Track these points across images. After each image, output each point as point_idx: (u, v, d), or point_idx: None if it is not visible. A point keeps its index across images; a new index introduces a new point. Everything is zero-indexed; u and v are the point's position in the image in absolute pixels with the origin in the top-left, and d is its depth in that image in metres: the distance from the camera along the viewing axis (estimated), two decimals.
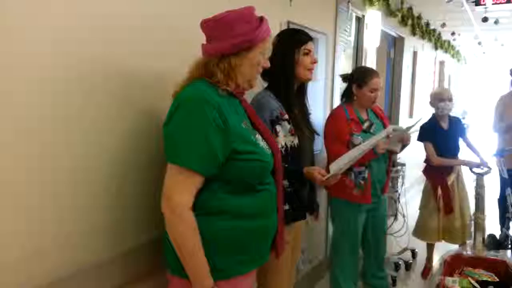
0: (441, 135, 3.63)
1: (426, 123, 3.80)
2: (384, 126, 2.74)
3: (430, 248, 3.88)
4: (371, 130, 2.65)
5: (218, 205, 1.39)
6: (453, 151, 3.67)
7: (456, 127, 3.73)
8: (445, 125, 3.68)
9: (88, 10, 1.41)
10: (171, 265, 1.45)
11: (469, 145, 3.83)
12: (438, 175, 3.64)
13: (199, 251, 1.33)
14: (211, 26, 1.43)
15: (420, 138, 3.70)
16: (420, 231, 3.81)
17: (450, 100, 3.64)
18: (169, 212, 1.32)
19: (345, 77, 2.78)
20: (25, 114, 1.25)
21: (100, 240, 1.51)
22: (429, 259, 3.89)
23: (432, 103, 3.74)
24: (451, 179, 3.65)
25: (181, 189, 1.33)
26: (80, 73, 1.39)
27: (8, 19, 1.19)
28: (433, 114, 3.77)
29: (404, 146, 2.71)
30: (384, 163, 2.77)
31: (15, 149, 1.23)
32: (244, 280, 1.48)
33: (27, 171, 1.27)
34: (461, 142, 3.78)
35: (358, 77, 2.67)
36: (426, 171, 3.79)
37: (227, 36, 1.40)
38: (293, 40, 1.99)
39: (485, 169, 3.57)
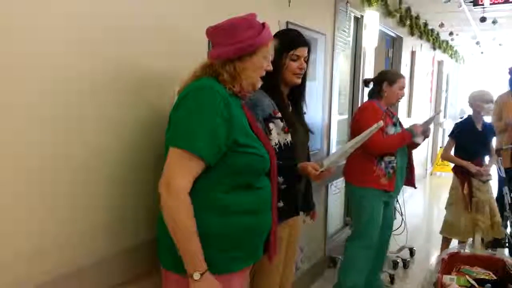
0: (476, 135, 3.69)
1: (461, 122, 3.91)
2: (401, 127, 3.04)
3: (445, 244, 3.89)
4: (397, 125, 3.00)
5: (214, 200, 1.41)
6: (483, 152, 3.71)
7: (488, 131, 3.78)
8: (479, 126, 3.74)
9: (91, 9, 1.42)
10: (165, 260, 1.47)
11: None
12: (465, 173, 3.67)
13: (194, 234, 1.34)
14: (215, 33, 1.49)
15: (451, 133, 3.83)
16: (449, 228, 3.81)
17: (492, 102, 3.71)
18: (168, 193, 1.32)
19: (368, 81, 3.15)
20: (25, 114, 1.26)
21: (99, 239, 1.52)
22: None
23: (474, 104, 3.76)
24: (476, 181, 3.66)
25: (183, 173, 1.34)
26: (80, 73, 1.40)
27: (17, 19, 1.21)
28: (469, 115, 3.82)
29: (424, 138, 3.01)
30: (405, 155, 3.01)
31: (15, 149, 1.24)
32: (237, 276, 1.49)
33: (27, 171, 1.28)
34: None
35: (389, 77, 3.00)
36: (454, 168, 3.83)
37: (230, 42, 1.45)
38: (283, 44, 1.98)
39: (486, 176, 3.64)
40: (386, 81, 2.97)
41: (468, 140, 3.67)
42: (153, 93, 1.69)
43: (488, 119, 3.92)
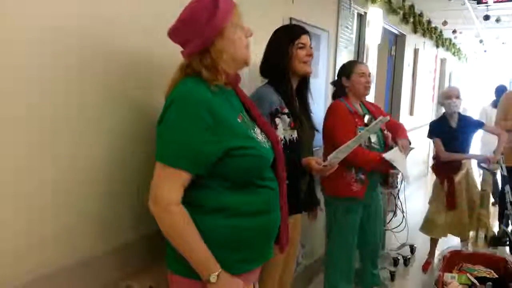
0: (448, 133, 3.67)
1: (435, 120, 3.93)
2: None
3: (433, 243, 3.93)
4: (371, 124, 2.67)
5: (216, 203, 1.37)
6: (460, 149, 3.69)
7: (465, 126, 3.74)
8: (453, 123, 3.71)
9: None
10: (171, 264, 1.45)
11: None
12: (444, 171, 3.69)
13: (197, 240, 1.31)
14: (177, 32, 1.41)
15: (429, 135, 3.79)
16: (427, 226, 3.86)
17: (458, 97, 3.68)
18: (157, 209, 1.31)
19: (334, 82, 2.87)
20: (12, 112, 1.23)
21: (96, 235, 1.50)
22: (432, 253, 3.92)
23: (440, 102, 3.80)
24: (458, 176, 3.67)
25: (169, 186, 1.31)
26: (69, 71, 1.37)
27: (13, 17, 1.19)
28: (443, 113, 3.82)
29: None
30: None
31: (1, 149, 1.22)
32: (249, 276, 1.47)
33: (14, 172, 1.26)
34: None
35: (343, 70, 2.75)
36: (434, 167, 3.85)
37: (196, 34, 1.36)
38: (287, 36, 2.02)
39: (494, 165, 3.64)
40: (344, 75, 2.71)
41: (444, 139, 3.65)
42: (148, 90, 1.66)
43: (468, 114, 3.92)
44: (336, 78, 2.84)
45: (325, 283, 2.90)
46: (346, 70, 2.72)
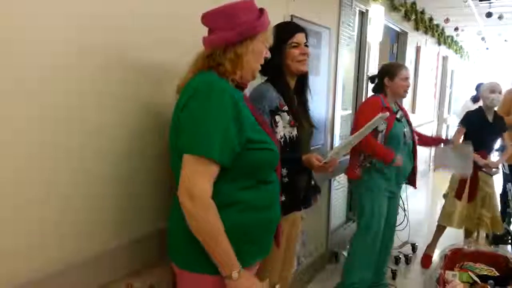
0: (485, 125, 3.69)
1: (472, 111, 3.90)
2: (408, 123, 3.03)
3: (436, 236, 3.91)
4: (402, 120, 2.96)
5: (233, 199, 1.38)
6: (489, 144, 3.71)
7: (499, 124, 3.76)
8: (490, 118, 3.73)
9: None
10: (180, 260, 1.44)
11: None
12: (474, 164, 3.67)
13: (224, 236, 1.31)
14: (214, 17, 1.44)
15: (463, 122, 3.78)
16: (446, 216, 3.82)
17: (500, 93, 3.71)
18: (192, 202, 1.28)
19: (372, 78, 3.13)
20: (25, 114, 1.24)
21: (97, 235, 1.51)
22: (432, 247, 3.91)
23: (482, 95, 3.77)
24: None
25: (203, 179, 1.30)
26: (80, 72, 1.38)
27: (15, 5, 1.19)
28: (480, 106, 3.83)
29: None
30: (408, 156, 2.98)
31: (10, 149, 1.22)
32: (250, 271, 1.47)
33: (29, 169, 1.27)
34: None
35: (390, 70, 2.97)
36: None
37: (232, 25, 1.40)
38: (280, 35, 1.97)
39: (494, 170, 3.64)
40: (387, 76, 2.95)
41: (477, 130, 3.65)
42: (160, 86, 1.67)
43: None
44: (377, 74, 3.09)
45: (344, 267, 3.11)
46: (390, 72, 2.95)
